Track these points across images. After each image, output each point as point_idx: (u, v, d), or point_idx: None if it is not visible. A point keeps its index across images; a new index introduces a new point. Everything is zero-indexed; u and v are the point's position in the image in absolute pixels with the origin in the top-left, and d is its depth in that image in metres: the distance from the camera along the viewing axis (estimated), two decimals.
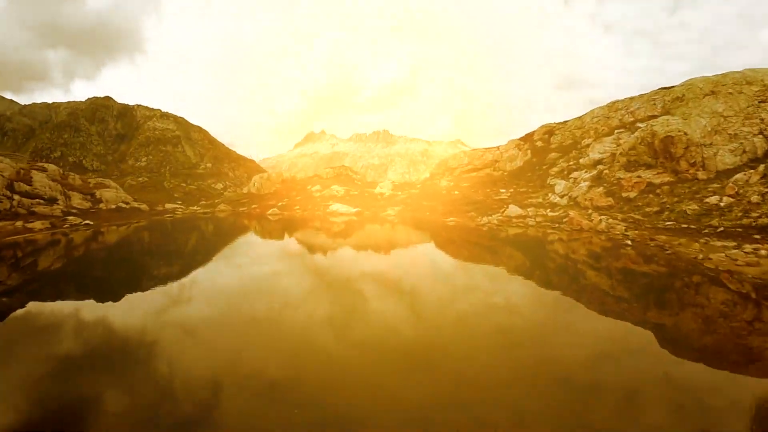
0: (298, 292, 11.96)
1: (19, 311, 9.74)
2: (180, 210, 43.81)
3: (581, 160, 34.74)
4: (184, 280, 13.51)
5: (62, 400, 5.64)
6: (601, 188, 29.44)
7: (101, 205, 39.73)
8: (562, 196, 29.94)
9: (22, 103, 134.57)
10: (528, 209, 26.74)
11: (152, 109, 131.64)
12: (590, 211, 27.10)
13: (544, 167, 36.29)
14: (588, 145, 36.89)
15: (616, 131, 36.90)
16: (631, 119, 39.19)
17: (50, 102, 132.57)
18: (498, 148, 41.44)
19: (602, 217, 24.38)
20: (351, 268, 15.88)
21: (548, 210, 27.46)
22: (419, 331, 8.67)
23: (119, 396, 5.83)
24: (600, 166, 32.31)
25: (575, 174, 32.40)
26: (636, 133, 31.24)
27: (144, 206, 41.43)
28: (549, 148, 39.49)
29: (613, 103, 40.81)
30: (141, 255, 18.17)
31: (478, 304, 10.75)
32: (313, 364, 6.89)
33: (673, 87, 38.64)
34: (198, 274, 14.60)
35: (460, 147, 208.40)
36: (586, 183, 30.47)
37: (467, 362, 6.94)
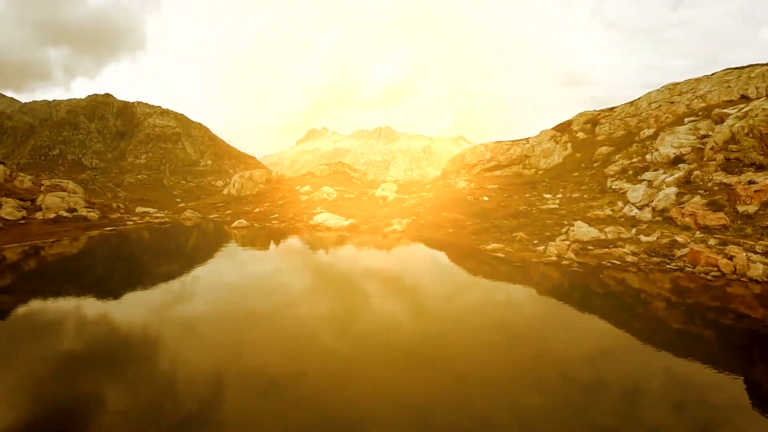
0: None
1: None
2: (149, 217, 33.62)
3: (649, 156, 24.26)
4: None
5: None
6: (697, 197, 18.94)
7: (38, 214, 29.56)
8: (641, 207, 19.65)
9: (23, 102, 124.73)
10: (605, 229, 16.45)
11: (152, 106, 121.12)
12: (696, 231, 16.72)
13: (596, 165, 25.92)
14: (651, 137, 26.41)
15: (687, 119, 26.40)
16: (702, 104, 28.67)
17: (51, 100, 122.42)
18: (527, 140, 31.04)
19: (735, 248, 14.09)
20: None
21: (632, 229, 17.20)
22: None
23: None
24: (684, 165, 21.91)
25: (648, 175, 21.98)
26: (739, 123, 20.85)
27: (94, 214, 31.22)
28: (596, 141, 29.07)
29: (674, 85, 30.25)
30: None
31: None
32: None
33: (752, 66, 28.21)
34: None
35: (463, 144, 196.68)
36: (672, 189, 20.10)
37: None
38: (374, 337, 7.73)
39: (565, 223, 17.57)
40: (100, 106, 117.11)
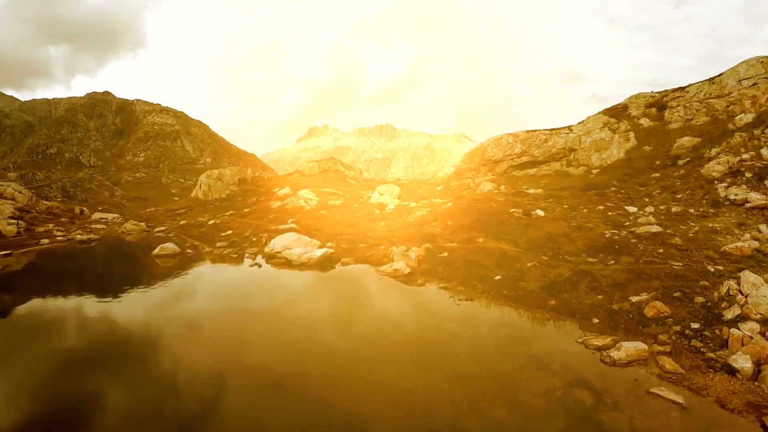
0: None
1: None
2: (91, 228, 24.99)
3: (766, 151, 15.71)
4: None
5: None
6: None
7: None
8: None
9: (23, 100, 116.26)
10: None
11: (152, 104, 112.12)
12: None
13: (681, 162, 17.07)
14: (752, 124, 17.63)
15: None
16: None
17: (50, 98, 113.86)
18: (569, 128, 22.13)
19: None
20: None
21: None
22: None
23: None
24: None
25: None
26: None
27: (12, 228, 22.75)
28: (668, 130, 20.15)
29: (758, 60, 21.47)
30: None
31: None
32: None
33: None
34: None
35: (464, 141, 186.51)
36: None
37: None
38: None
39: (710, 269, 8.82)
40: (100, 103, 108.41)
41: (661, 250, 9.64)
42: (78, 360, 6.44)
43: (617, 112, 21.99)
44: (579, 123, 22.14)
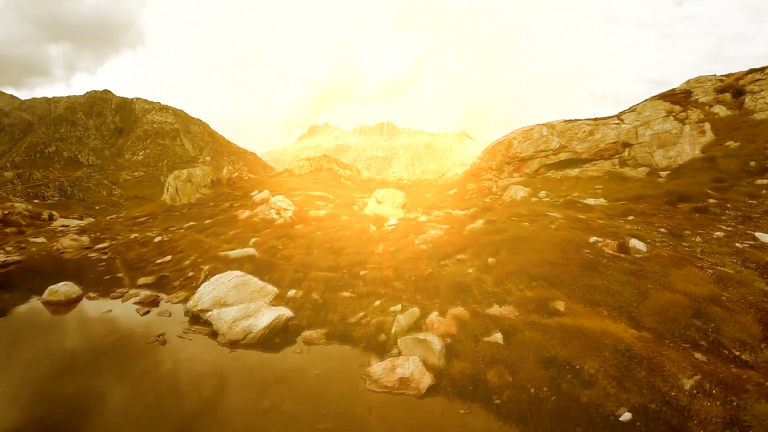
0: None
1: None
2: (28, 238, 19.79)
3: None
4: None
5: None
6: None
7: None
8: None
9: (23, 99, 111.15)
10: None
11: (151, 102, 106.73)
12: None
13: None
14: None
15: None
16: None
17: (50, 97, 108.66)
18: (619, 118, 16.57)
19: None
20: None
21: None
22: None
23: None
24: None
25: None
26: None
27: None
28: (754, 120, 14.70)
29: None
30: None
31: None
32: None
33: None
34: None
35: (466, 140, 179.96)
36: None
37: None
38: None
39: None
40: (99, 102, 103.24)
41: None
42: None
43: (680, 98, 16.47)
44: (630, 110, 16.64)
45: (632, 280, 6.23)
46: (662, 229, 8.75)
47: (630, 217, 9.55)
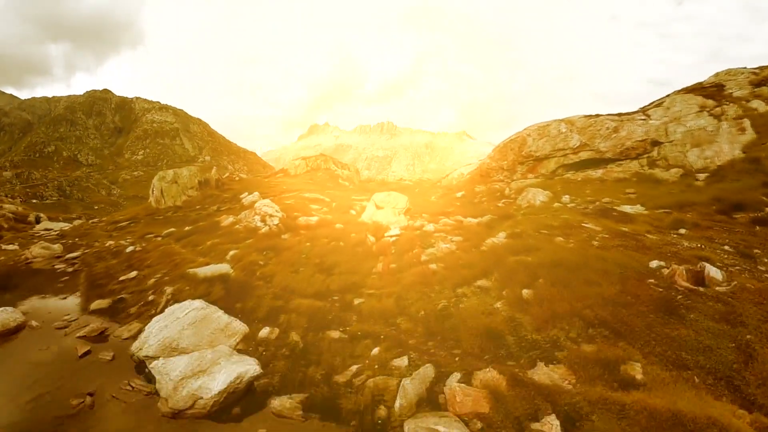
0: None
1: None
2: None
3: None
4: None
5: None
6: None
7: None
8: None
9: (23, 98, 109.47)
10: None
11: (151, 102, 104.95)
12: None
13: None
14: None
15: None
16: None
17: (50, 96, 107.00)
18: (646, 113, 14.73)
19: None
20: None
21: None
22: None
23: None
24: None
25: None
26: None
27: None
28: None
29: None
30: None
31: None
32: None
33: None
34: None
35: (466, 139, 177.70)
36: None
37: None
38: None
39: None
40: (99, 101, 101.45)
41: None
42: None
43: (712, 92, 14.64)
44: (656, 105, 14.78)
45: (725, 328, 4.43)
46: (726, 247, 6.94)
47: (682, 231, 7.74)
